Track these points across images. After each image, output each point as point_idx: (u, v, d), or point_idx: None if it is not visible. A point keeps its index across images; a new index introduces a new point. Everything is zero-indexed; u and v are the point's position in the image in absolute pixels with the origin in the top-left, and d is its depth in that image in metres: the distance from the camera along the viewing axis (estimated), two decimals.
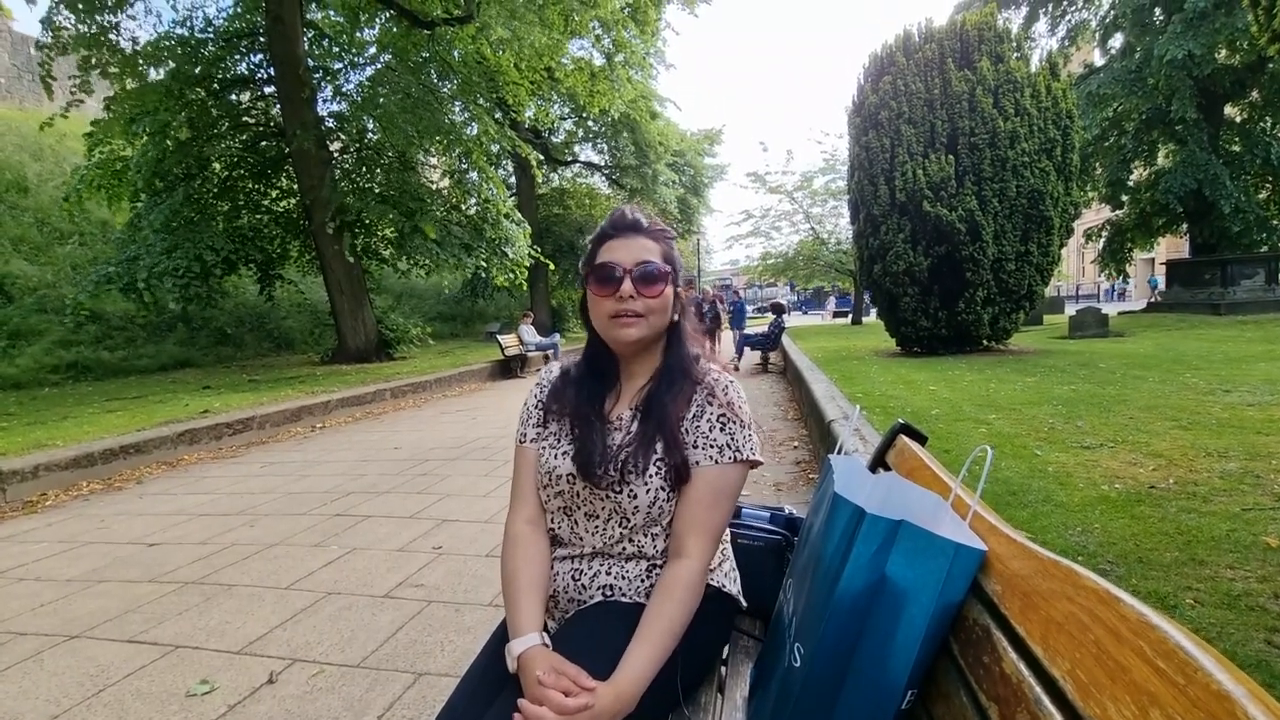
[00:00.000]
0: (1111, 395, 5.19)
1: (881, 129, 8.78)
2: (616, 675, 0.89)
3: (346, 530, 3.36)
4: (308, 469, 4.84)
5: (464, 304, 20.49)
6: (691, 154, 22.53)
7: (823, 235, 23.96)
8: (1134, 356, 7.80)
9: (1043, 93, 8.50)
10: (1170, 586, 2.03)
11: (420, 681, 1.94)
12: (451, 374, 9.84)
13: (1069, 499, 2.83)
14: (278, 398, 7.24)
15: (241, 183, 11.77)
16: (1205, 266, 15.27)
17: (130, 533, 3.51)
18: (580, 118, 18.93)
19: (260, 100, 11.94)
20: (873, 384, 6.37)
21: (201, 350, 12.28)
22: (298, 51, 10.31)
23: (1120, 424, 4.16)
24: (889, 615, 0.77)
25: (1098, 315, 11.68)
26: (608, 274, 1.07)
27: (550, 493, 1.10)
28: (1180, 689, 0.44)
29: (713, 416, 1.06)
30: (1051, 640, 0.59)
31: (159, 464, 5.15)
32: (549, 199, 20.71)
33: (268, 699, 1.88)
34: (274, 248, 11.81)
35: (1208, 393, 5.09)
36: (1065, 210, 8.76)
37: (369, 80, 11.29)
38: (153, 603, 2.57)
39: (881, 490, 0.99)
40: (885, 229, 8.75)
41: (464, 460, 4.88)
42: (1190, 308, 14.79)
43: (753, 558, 1.33)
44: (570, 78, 13.80)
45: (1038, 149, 8.29)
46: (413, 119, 10.13)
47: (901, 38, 9.22)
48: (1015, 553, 0.72)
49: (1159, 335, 10.72)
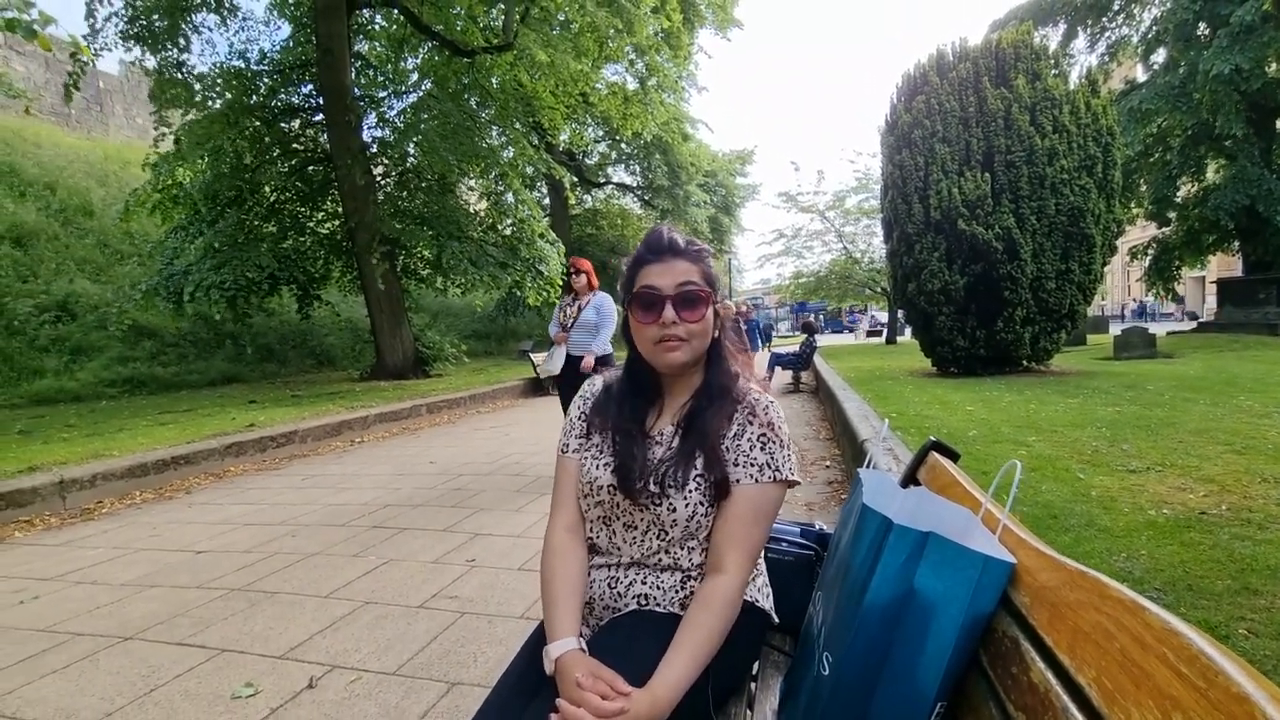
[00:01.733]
0: (1159, 418, 5.00)
1: (915, 148, 8.72)
2: (653, 682, 0.91)
3: (384, 542, 3.44)
4: (347, 482, 4.97)
5: (497, 322, 20.85)
6: (723, 174, 22.69)
7: (855, 254, 23.74)
8: (1183, 378, 7.50)
9: (1082, 109, 8.35)
10: (1222, 616, 1.95)
11: (454, 691, 1.97)
12: (485, 391, 10.01)
13: (1113, 524, 2.74)
14: (319, 412, 7.46)
15: (289, 206, 12.30)
16: (1260, 285, 14.63)
17: (180, 540, 3.65)
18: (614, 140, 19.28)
19: (309, 128, 12.49)
20: (907, 404, 6.26)
21: (248, 366, 12.74)
22: (345, 81, 10.78)
23: (1169, 447, 4.01)
24: (918, 626, 0.78)
25: (1144, 335, 11.27)
26: (649, 300, 1.09)
27: (590, 502, 1.13)
28: (1202, 693, 0.45)
29: (753, 436, 1.08)
30: (1078, 649, 0.60)
31: (207, 475, 5.35)
32: (582, 219, 21.06)
33: (307, 703, 1.94)
34: (317, 268, 12.26)
35: (1263, 415, 4.87)
36: (1107, 228, 8.53)
37: (411, 107, 11.73)
38: (200, 608, 2.68)
39: (911, 504, 1.00)
40: (919, 248, 8.64)
41: (497, 475, 4.96)
42: (1244, 328, 14.15)
43: (784, 572, 1.34)
44: (604, 101, 14.10)
45: (1077, 166, 8.12)
46: (452, 144, 10.47)
47: (935, 57, 9.19)
48: (1044, 565, 0.73)
49: (1210, 356, 10.29)
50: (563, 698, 0.89)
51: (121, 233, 13.10)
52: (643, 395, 1.17)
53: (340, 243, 12.25)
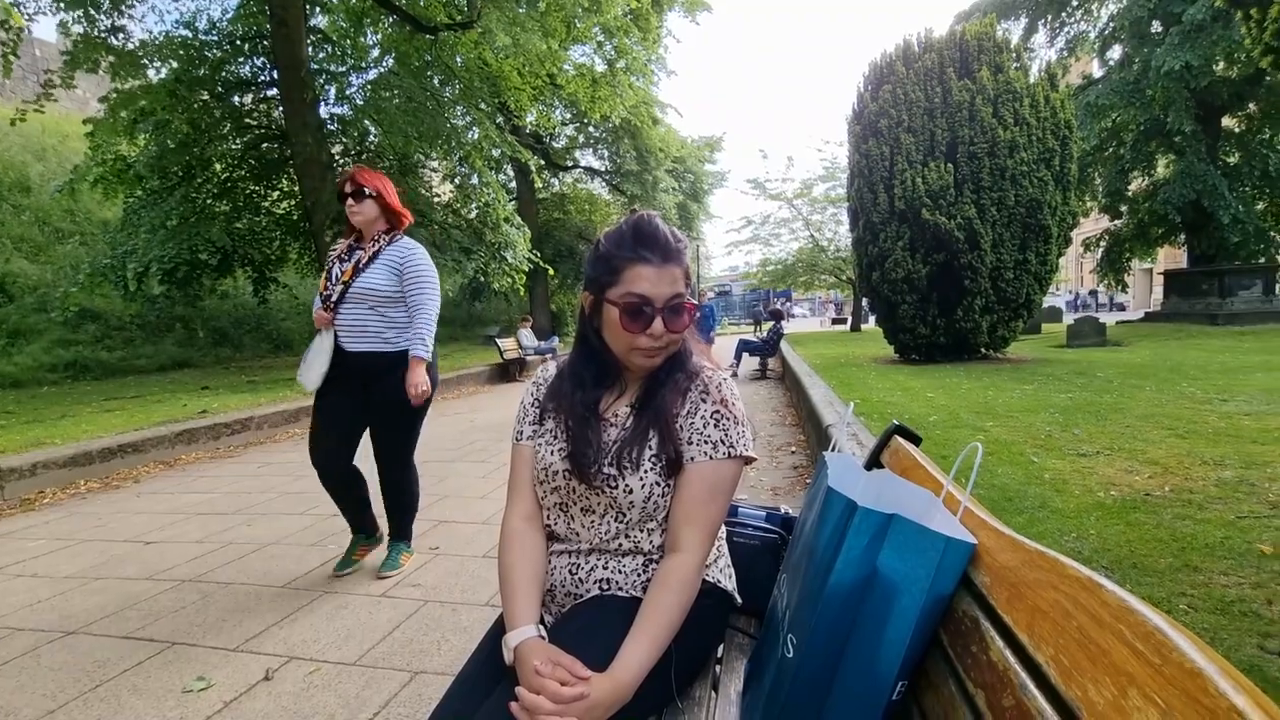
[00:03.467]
0: (1108, 404, 5.20)
1: (881, 137, 8.83)
2: (613, 667, 0.90)
3: (344, 530, 3.34)
4: (305, 469, 4.79)
5: (462, 308, 20.52)
6: (692, 160, 22.62)
7: (822, 242, 24.03)
8: (1131, 366, 7.82)
9: (1041, 103, 8.55)
10: (1164, 592, 2.04)
11: (416, 679, 1.94)
12: (450, 377, 9.85)
13: (1065, 505, 2.84)
14: (276, 398, 7.25)
15: (242, 184, 11.81)
16: (1203, 277, 15.33)
17: (127, 531, 3.51)
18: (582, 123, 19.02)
19: (263, 103, 11.99)
20: (870, 390, 6.38)
21: (200, 351, 12.29)
22: (301, 55, 10.35)
23: (1117, 432, 4.18)
24: (880, 607, 0.78)
25: (1095, 324, 11.71)
26: (638, 309, 1.03)
27: (547, 489, 1.11)
28: (1156, 669, 0.45)
29: (707, 413, 1.07)
30: (1037, 628, 0.60)
31: (157, 463, 5.15)
32: (549, 204, 20.77)
33: (264, 695, 1.88)
34: (273, 249, 11.83)
35: (1204, 402, 5.11)
36: (1063, 220, 8.80)
37: (371, 84, 11.35)
38: (150, 600, 2.57)
39: (875, 486, 1.01)
40: (884, 236, 8.78)
41: (461, 462, 4.89)
42: (1188, 318, 14.84)
43: (749, 556, 1.34)
44: (572, 84, 13.88)
45: (1036, 159, 8.33)
46: (414, 123, 10.18)
47: (901, 47, 9.28)
48: (1004, 545, 0.73)
49: (1156, 345, 10.75)
50: (522, 686, 0.87)
51: (62, 210, 12.44)
52: (597, 378, 1.15)
53: (297, 223, 11.84)
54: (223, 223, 10.55)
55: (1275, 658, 1.67)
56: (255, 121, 11.90)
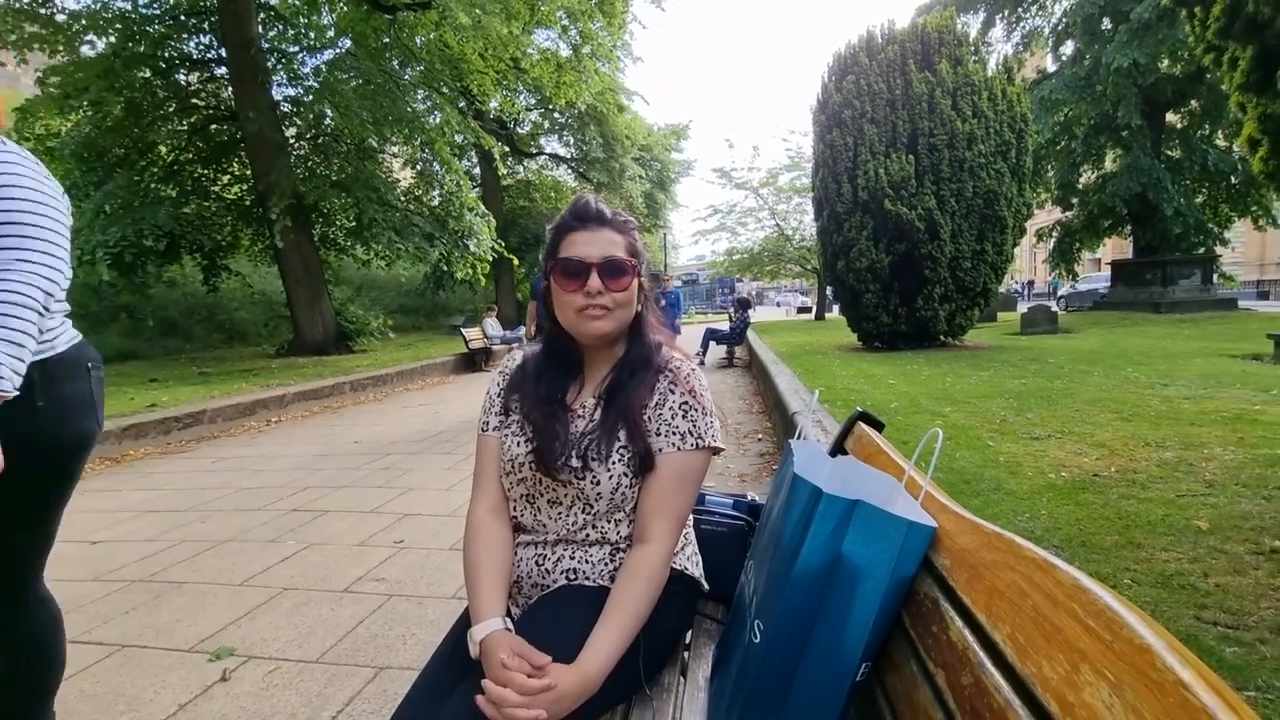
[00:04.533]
0: (1059, 389, 5.41)
1: (845, 127, 8.93)
2: (580, 658, 0.90)
3: (304, 525, 3.28)
4: (263, 464, 4.70)
5: (426, 296, 20.14)
6: (659, 149, 22.55)
7: (788, 231, 24.27)
8: (1081, 352, 8.14)
9: (999, 96, 8.76)
10: (1110, 568, 2.14)
11: (382, 675, 1.91)
12: (414, 367, 9.67)
13: (1019, 487, 2.95)
14: (230, 391, 7.01)
15: (189, 167, 11.32)
16: (1147, 267, 16.01)
17: (70, 531, 3.35)
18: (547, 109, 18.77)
19: (210, 82, 11.49)
20: (835, 378, 6.50)
21: (148, 342, 11.80)
22: (251, 32, 9.94)
23: (1067, 416, 4.35)
24: (845, 592, 0.79)
25: (1047, 313, 12.14)
26: (574, 268, 1.06)
27: (513, 480, 1.09)
28: (1107, 645, 0.47)
29: (675, 404, 1.07)
30: (994, 607, 0.62)
31: (102, 459, 4.93)
32: (514, 191, 20.48)
33: (220, 697, 1.83)
34: (223, 235, 11.38)
35: (1148, 386, 5.35)
36: (1019, 211, 9.06)
37: (326, 65, 10.97)
38: (96, 602, 2.47)
39: (840, 473, 1.02)
40: (848, 226, 8.91)
41: (427, 454, 4.81)
42: (1133, 306, 15.50)
43: (716, 542, 1.35)
44: (536, 68, 13.65)
45: (993, 151, 8.55)
46: (372, 106, 9.88)
47: (865, 38, 9.39)
48: (963, 528, 0.75)
49: (1104, 332, 11.20)
50: (489, 679, 0.86)
51: None
52: (563, 369, 1.14)
53: (250, 208, 11.43)
54: (169, 207, 10.09)
55: (1211, 627, 1.77)
56: (203, 102, 11.40)
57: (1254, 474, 2.96)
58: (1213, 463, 3.16)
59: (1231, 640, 1.69)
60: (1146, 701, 0.42)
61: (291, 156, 11.00)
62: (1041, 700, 0.51)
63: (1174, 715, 0.39)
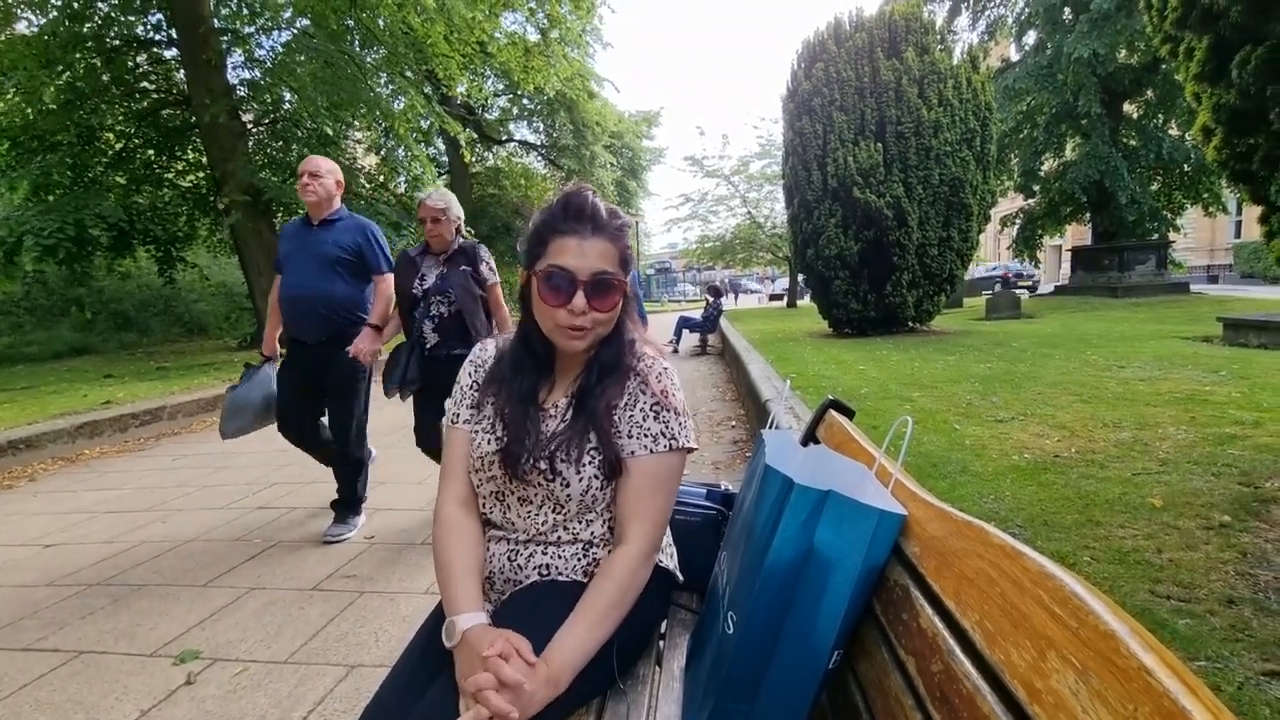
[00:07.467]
0: (1022, 372, 5.55)
1: (814, 115, 8.97)
2: (547, 653, 0.88)
3: (270, 523, 3.20)
4: (226, 460, 4.57)
5: None
6: (630, 136, 22.36)
7: (759, 219, 24.38)
8: (1042, 336, 8.36)
9: (964, 85, 8.89)
10: (1070, 546, 2.21)
11: (354, 673, 1.88)
12: (384, 358, 9.47)
13: (984, 469, 3.02)
14: (190, 386, 6.79)
15: (139, 154, 10.84)
16: (1104, 253, 16.50)
17: (23, 534, 3.22)
18: (515, 95, 18.42)
19: (160, 64, 11.00)
20: (806, 364, 6.57)
21: (101, 336, 11.36)
22: (202, 11, 9.52)
23: (1030, 399, 4.47)
24: (817, 582, 0.79)
25: (1011, 298, 12.46)
26: (559, 283, 0.99)
27: (483, 477, 1.07)
28: (1073, 631, 0.47)
29: (646, 406, 1.04)
30: (963, 595, 0.63)
31: (55, 459, 4.75)
32: (483, 178, 20.13)
33: (185, 701, 1.78)
34: (179, 226, 10.96)
35: (1105, 369, 5.53)
36: (983, 198, 9.24)
37: (284, 46, 10.58)
38: (51, 607, 2.38)
39: (811, 462, 1.03)
40: (818, 214, 8.99)
41: (398, 448, 4.73)
42: (1092, 291, 15.97)
43: (689, 533, 1.35)
44: (504, 52, 13.37)
45: (959, 139, 8.68)
46: (332, 89, 9.56)
47: (833, 25, 9.42)
48: (932, 516, 0.76)
49: (1064, 316, 11.53)
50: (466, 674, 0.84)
51: None
52: (536, 365, 1.11)
53: (206, 197, 11.02)
54: (119, 195, 9.66)
55: (1164, 601, 1.84)
56: (153, 85, 10.92)
57: (1204, 452, 3.08)
58: (1166, 442, 3.28)
59: (1184, 613, 1.76)
60: (1111, 687, 0.42)
61: (249, 142, 10.63)
62: (1010, 686, 0.51)
63: (1137, 700, 0.40)
